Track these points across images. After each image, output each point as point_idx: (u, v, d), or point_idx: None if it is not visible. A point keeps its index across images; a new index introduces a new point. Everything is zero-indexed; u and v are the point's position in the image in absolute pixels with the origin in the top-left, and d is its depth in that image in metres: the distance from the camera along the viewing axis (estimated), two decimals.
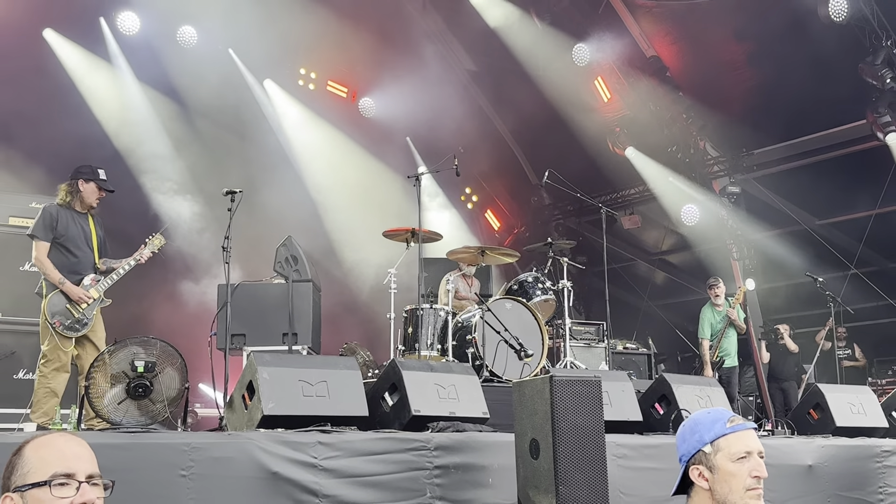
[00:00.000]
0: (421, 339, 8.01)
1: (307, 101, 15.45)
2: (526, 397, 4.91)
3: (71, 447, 2.13)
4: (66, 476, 2.07)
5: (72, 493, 2.06)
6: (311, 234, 13.63)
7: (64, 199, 6.73)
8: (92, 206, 6.81)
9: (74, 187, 6.75)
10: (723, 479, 2.49)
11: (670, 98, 15.57)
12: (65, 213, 6.66)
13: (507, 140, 17.93)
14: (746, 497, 2.48)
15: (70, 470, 2.08)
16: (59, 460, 2.09)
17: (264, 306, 7.98)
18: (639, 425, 6.68)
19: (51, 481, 2.06)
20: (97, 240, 6.83)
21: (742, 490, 2.47)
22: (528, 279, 9.02)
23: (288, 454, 4.64)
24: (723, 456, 2.51)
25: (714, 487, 2.51)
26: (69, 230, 6.63)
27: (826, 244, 14.35)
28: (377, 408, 5.75)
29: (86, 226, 6.78)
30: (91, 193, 6.77)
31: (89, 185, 6.76)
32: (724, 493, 2.49)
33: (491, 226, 19.13)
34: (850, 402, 7.61)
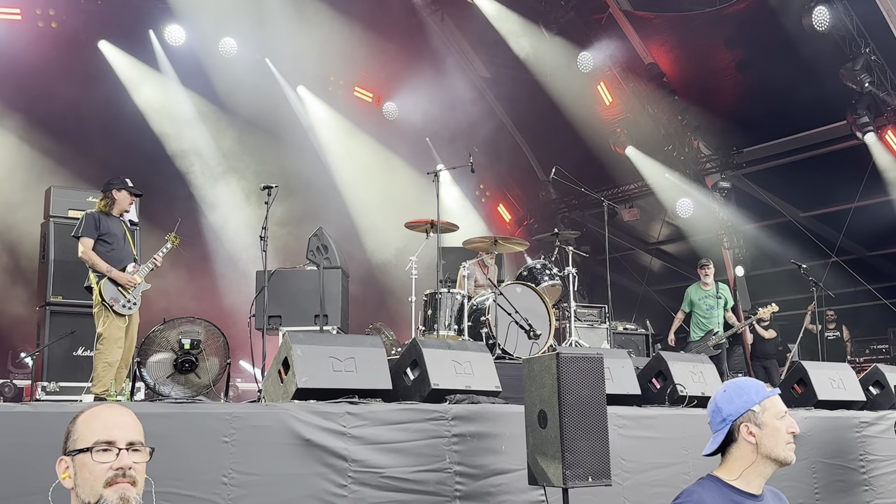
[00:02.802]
0: (439, 320, 8.01)
1: (336, 105, 15.47)
2: (535, 372, 4.90)
3: (115, 417, 2.16)
4: (107, 443, 2.10)
5: (111, 459, 2.09)
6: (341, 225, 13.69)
7: (102, 207, 7.00)
8: (126, 210, 7.08)
9: (110, 196, 7.00)
10: (770, 433, 2.64)
11: (667, 101, 15.49)
12: (104, 217, 6.91)
13: (518, 140, 17.89)
14: (787, 448, 2.65)
15: (111, 438, 2.11)
16: (102, 429, 2.12)
17: (298, 290, 8.01)
18: (637, 398, 6.65)
19: (93, 448, 2.09)
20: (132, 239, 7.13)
21: (784, 443, 2.64)
22: (536, 266, 9.00)
23: (320, 423, 4.66)
24: (770, 414, 2.66)
25: (761, 441, 2.64)
26: (111, 229, 6.90)
27: (809, 234, 14.27)
28: (400, 382, 5.76)
29: (121, 228, 7.06)
30: (125, 199, 7.04)
31: (122, 192, 7.02)
32: (770, 446, 2.63)
33: (503, 218, 19.10)
34: (830, 377, 7.55)
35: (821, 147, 14.08)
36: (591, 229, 16.67)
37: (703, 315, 10.48)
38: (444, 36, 16.25)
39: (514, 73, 16.44)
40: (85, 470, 2.09)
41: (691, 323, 10.63)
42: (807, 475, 6.56)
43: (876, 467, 6.85)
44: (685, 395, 6.62)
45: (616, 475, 5.39)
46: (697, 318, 10.55)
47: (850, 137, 13.00)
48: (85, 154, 11.62)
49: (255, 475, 4.39)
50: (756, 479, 2.65)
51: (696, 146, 15.94)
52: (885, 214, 13.39)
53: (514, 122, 17.62)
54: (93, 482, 2.08)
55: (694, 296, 10.60)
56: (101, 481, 2.07)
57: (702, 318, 10.50)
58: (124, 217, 7.14)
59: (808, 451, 6.59)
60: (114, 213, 6.98)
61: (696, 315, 10.57)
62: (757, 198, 15.43)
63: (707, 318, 10.46)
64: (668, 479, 5.82)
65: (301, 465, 4.53)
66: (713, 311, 10.47)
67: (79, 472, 2.10)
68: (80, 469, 2.09)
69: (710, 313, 10.44)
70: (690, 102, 15.38)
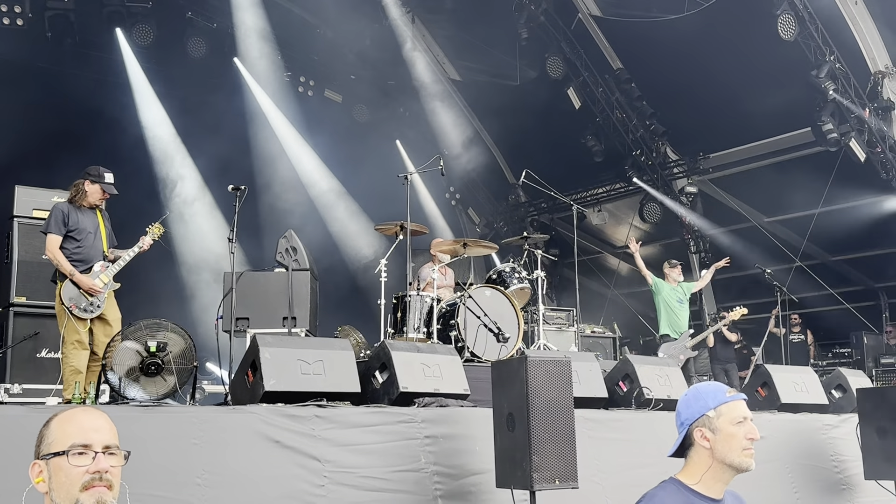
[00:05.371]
0: (408, 323, 8.01)
1: (306, 107, 15.40)
2: (503, 375, 4.94)
3: (91, 420, 2.13)
4: (83, 447, 2.07)
5: (87, 462, 2.07)
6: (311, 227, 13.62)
7: (72, 196, 6.69)
8: (96, 204, 6.73)
9: (80, 187, 6.68)
10: (724, 439, 2.61)
11: (635, 106, 15.64)
12: (74, 209, 6.62)
13: (488, 143, 17.94)
14: (743, 455, 2.61)
15: (87, 441, 2.08)
16: (78, 432, 2.09)
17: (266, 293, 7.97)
18: (604, 401, 6.73)
19: (69, 451, 2.06)
20: (105, 232, 6.80)
21: (739, 449, 2.61)
22: (505, 269, 9.03)
23: (288, 425, 4.66)
24: (724, 420, 2.63)
25: (715, 447, 2.62)
26: (80, 223, 6.58)
27: (774, 239, 14.46)
28: (368, 384, 5.76)
29: (94, 220, 6.73)
30: (94, 194, 6.68)
31: (94, 186, 6.67)
32: (724, 451, 2.61)
33: (472, 220, 19.15)
34: (794, 381, 7.67)
35: (786, 153, 14.28)
36: (560, 233, 16.78)
37: (673, 309, 10.38)
38: (415, 38, 16.26)
39: (484, 77, 16.51)
40: (60, 474, 2.06)
41: (662, 319, 10.51)
42: (783, 476, 6.66)
43: (849, 467, 6.96)
44: (651, 398, 6.70)
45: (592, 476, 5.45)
46: (669, 314, 10.43)
47: (815, 144, 13.21)
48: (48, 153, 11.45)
49: (229, 477, 4.38)
50: (715, 484, 2.64)
51: (664, 151, 16.11)
52: (848, 220, 13.61)
53: (485, 126, 17.68)
54: (69, 486, 2.05)
55: (664, 288, 10.50)
56: (78, 485, 2.05)
57: (673, 313, 10.39)
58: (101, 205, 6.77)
59: (779, 452, 6.68)
60: (84, 204, 6.64)
61: (667, 310, 10.45)
62: (723, 203, 15.63)
63: (679, 314, 10.39)
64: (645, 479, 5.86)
65: (275, 467, 4.53)
66: (683, 306, 10.43)
67: (54, 476, 2.07)
68: (55, 473, 2.07)
69: (680, 307, 10.38)
70: (658, 107, 15.55)
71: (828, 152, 12.97)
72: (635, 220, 16.72)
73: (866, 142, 12.81)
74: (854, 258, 14.65)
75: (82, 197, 6.67)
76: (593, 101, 15.64)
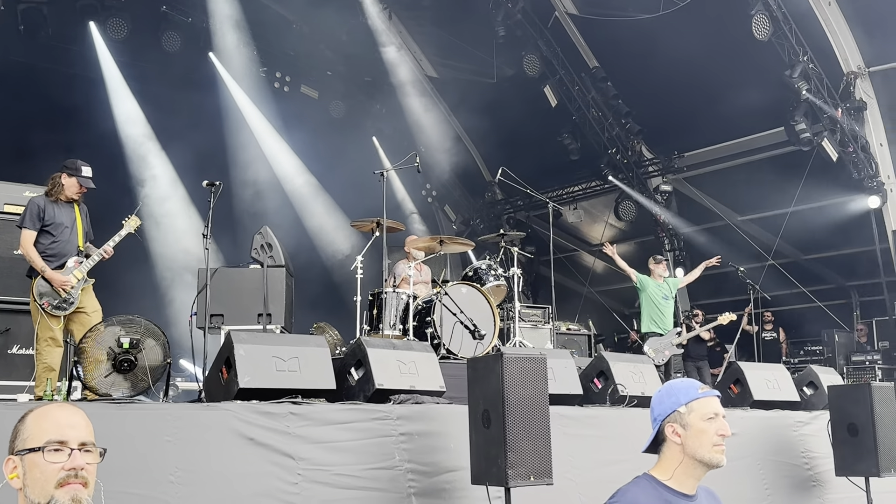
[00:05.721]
0: (384, 320, 8.01)
1: (282, 103, 15.32)
2: (479, 372, 4.94)
3: (67, 417, 2.12)
4: (59, 443, 2.06)
5: (63, 459, 2.06)
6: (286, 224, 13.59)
7: (49, 189, 6.61)
8: (73, 197, 6.64)
9: (57, 180, 6.60)
10: (694, 435, 2.64)
11: (611, 105, 15.72)
12: (51, 203, 6.55)
13: (465, 140, 17.96)
14: (713, 451, 2.63)
15: (63, 437, 2.07)
16: (54, 429, 2.08)
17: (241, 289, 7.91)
18: (579, 398, 6.75)
19: (44, 447, 2.05)
20: (82, 227, 6.72)
21: (710, 445, 2.63)
22: (481, 266, 9.04)
23: (262, 423, 4.63)
24: (695, 416, 2.66)
25: (686, 442, 2.65)
26: (55, 218, 6.51)
27: (747, 238, 14.60)
28: (344, 381, 5.73)
29: (71, 214, 6.66)
30: (71, 187, 6.59)
31: (71, 179, 6.58)
32: (694, 447, 2.64)
33: (449, 217, 19.16)
34: (766, 378, 7.73)
35: (760, 152, 14.43)
36: (536, 230, 16.84)
37: (658, 306, 10.36)
38: (392, 35, 16.23)
39: (461, 74, 16.52)
40: (35, 470, 2.05)
41: (646, 316, 10.46)
42: (754, 472, 6.71)
43: (819, 464, 7.02)
44: (626, 394, 6.74)
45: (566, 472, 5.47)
46: (654, 311, 10.40)
47: (788, 144, 13.33)
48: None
49: (203, 474, 4.35)
50: (688, 480, 2.67)
51: (639, 150, 16.21)
52: (821, 219, 13.77)
53: (462, 123, 17.69)
54: (44, 483, 2.04)
55: (649, 284, 10.46)
56: (53, 482, 2.04)
57: (658, 310, 10.37)
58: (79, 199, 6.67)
59: (751, 449, 6.73)
60: (61, 198, 6.56)
61: (651, 307, 10.41)
62: (697, 201, 15.75)
63: (664, 311, 10.37)
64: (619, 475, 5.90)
65: (249, 464, 4.51)
66: (668, 302, 10.41)
67: (28, 473, 2.05)
68: (30, 469, 2.05)
69: (666, 304, 10.36)
70: (634, 106, 15.65)
71: (801, 152, 13.09)
72: (611, 218, 16.82)
73: (838, 141, 12.95)
74: (826, 257, 14.81)
75: (59, 190, 6.59)
76: (570, 100, 15.70)
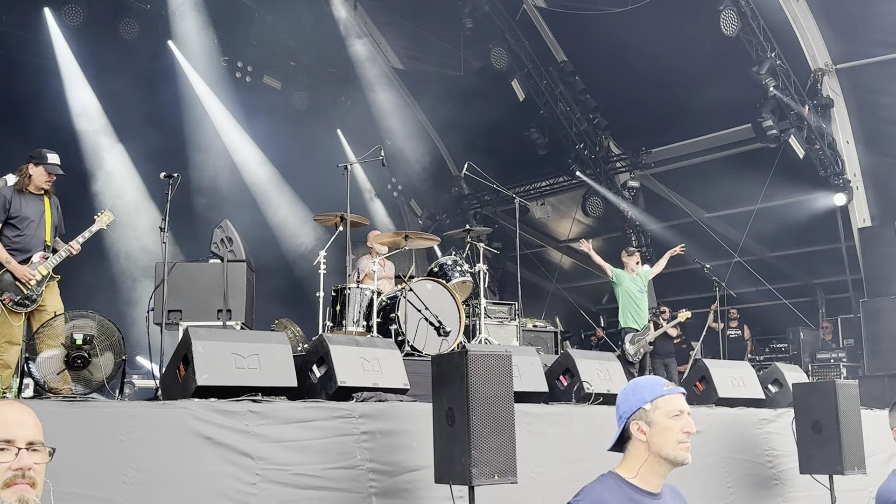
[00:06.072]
0: (348, 316, 7.95)
1: (244, 93, 15.16)
2: (443, 370, 4.93)
3: (14, 415, 2.07)
4: (5, 442, 2.01)
5: (10, 458, 2.01)
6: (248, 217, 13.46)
7: (19, 181, 6.53)
8: (43, 188, 6.58)
9: (25, 171, 6.53)
10: (659, 432, 2.64)
11: (579, 100, 15.79)
12: (18, 194, 6.46)
13: (431, 134, 17.94)
14: (678, 448, 2.64)
15: (10, 437, 2.02)
16: (1, 427, 2.03)
17: (200, 284, 7.80)
18: (545, 395, 6.77)
19: None
20: (51, 220, 6.62)
21: (675, 442, 2.64)
22: (447, 262, 9.03)
23: (221, 421, 4.57)
24: (660, 413, 2.66)
25: (651, 440, 2.65)
26: (22, 210, 6.43)
27: (714, 235, 14.74)
28: (305, 379, 5.70)
29: (40, 207, 6.57)
30: (40, 176, 6.54)
31: (38, 168, 6.52)
32: (659, 445, 2.64)
33: (415, 212, 19.13)
34: (731, 375, 7.81)
35: (727, 149, 14.60)
36: (502, 226, 16.88)
37: (635, 300, 10.40)
38: (357, 26, 16.15)
39: (427, 66, 16.49)
40: None
41: (624, 311, 10.50)
42: (717, 470, 6.77)
43: (782, 462, 7.11)
44: (591, 392, 6.77)
45: (529, 471, 5.47)
46: (631, 305, 10.43)
47: (754, 140, 13.49)
48: None
49: (158, 474, 4.28)
50: (653, 478, 2.68)
51: (607, 145, 16.31)
52: (787, 216, 13.96)
53: (428, 116, 17.67)
54: None
55: (624, 277, 10.49)
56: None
57: (635, 304, 10.40)
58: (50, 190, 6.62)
59: (715, 447, 6.80)
60: (31, 189, 6.49)
61: (629, 302, 10.44)
62: (664, 198, 15.90)
63: (639, 303, 10.41)
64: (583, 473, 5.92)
65: (206, 464, 4.44)
66: (644, 296, 10.47)
67: None
68: None
69: (641, 298, 10.42)
70: (602, 101, 15.74)
71: (768, 149, 13.23)
72: (578, 213, 16.91)
73: (805, 138, 13.10)
74: (792, 254, 15.01)
75: (28, 181, 6.52)
76: (537, 94, 15.74)
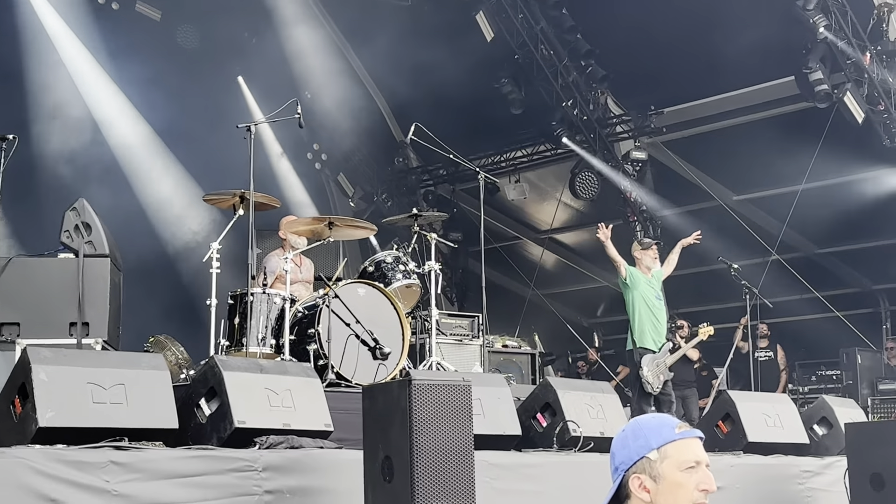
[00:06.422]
0: (250, 331, 7.91)
1: (110, 26, 14.95)
2: (379, 405, 4.93)
3: None
4: None
5: None
6: (113, 196, 13.28)
7: None
8: None
9: None
10: (668, 489, 2.62)
11: (567, 41, 15.79)
12: None
13: (367, 85, 17.86)
14: None
15: None
16: None
17: (45, 287, 7.71)
18: (517, 440, 6.79)
19: None
20: None
21: (688, 503, 2.62)
22: (386, 259, 9.03)
23: (71, 476, 4.52)
24: (670, 464, 2.64)
25: (656, 499, 2.63)
26: None
27: (744, 224, 14.85)
28: (190, 418, 5.70)
29: None
30: None
31: None
32: None
33: (344, 190, 19.06)
34: (764, 412, 7.90)
35: (761, 110, 14.70)
36: (462, 210, 16.90)
37: (653, 310, 10.41)
38: None
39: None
40: None
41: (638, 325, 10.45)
42: None
43: None
44: (579, 435, 6.81)
45: None
46: (649, 317, 10.41)
47: (799, 98, 13.59)
48: None
49: None
50: None
51: (604, 102, 16.39)
52: (840, 200, 14.10)
53: (363, 61, 17.59)
54: None
55: (640, 279, 10.50)
56: None
57: (654, 316, 10.41)
58: None
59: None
60: None
61: (645, 311, 10.43)
62: (680, 174, 15.99)
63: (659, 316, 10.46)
64: None
65: None
66: (661, 303, 10.55)
67: None
68: None
69: (659, 306, 10.48)
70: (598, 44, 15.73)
71: (816, 110, 13.36)
72: (565, 195, 16.96)
73: (866, 97, 13.25)
74: (847, 251, 15.25)
75: None
76: (511, 32, 15.76)
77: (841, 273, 15.34)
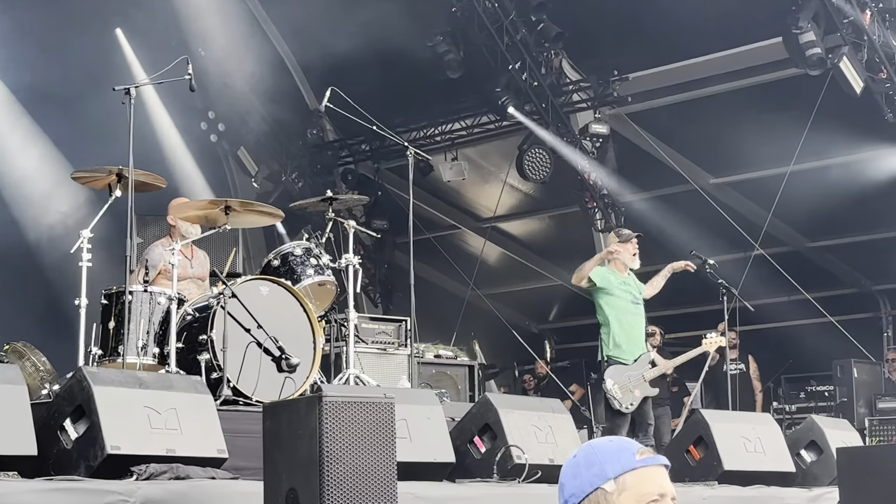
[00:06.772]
0: (128, 338, 7.84)
1: None
2: (283, 427, 4.92)
3: None
4: None
5: None
6: None
7: None
8: None
9: None
10: None
11: None
12: None
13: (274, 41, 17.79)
14: None
15: None
16: None
17: None
18: (450, 468, 6.81)
19: None
20: None
21: None
22: (295, 251, 9.03)
23: None
24: (629, 497, 2.63)
25: None
26: None
27: (722, 212, 14.98)
28: (53, 443, 5.65)
29: None
30: None
31: None
32: None
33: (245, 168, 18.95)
34: (743, 435, 7.98)
35: (744, 76, 14.83)
36: (389, 192, 16.90)
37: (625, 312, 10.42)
38: None
39: None
40: None
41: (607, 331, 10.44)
42: None
43: None
44: (524, 463, 6.84)
45: None
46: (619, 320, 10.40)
47: (787, 63, 13.72)
48: None
49: None
50: None
51: (559, 66, 16.43)
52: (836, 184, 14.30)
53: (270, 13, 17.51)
54: None
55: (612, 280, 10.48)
56: None
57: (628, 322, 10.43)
58: None
59: None
60: None
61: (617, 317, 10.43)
62: (648, 152, 16.09)
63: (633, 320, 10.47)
64: None
65: None
66: (639, 310, 10.56)
67: None
68: None
69: (635, 311, 10.49)
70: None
71: (807, 77, 13.52)
72: (511, 175, 17.01)
73: (865, 63, 13.40)
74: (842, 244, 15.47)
75: None
76: None
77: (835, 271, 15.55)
